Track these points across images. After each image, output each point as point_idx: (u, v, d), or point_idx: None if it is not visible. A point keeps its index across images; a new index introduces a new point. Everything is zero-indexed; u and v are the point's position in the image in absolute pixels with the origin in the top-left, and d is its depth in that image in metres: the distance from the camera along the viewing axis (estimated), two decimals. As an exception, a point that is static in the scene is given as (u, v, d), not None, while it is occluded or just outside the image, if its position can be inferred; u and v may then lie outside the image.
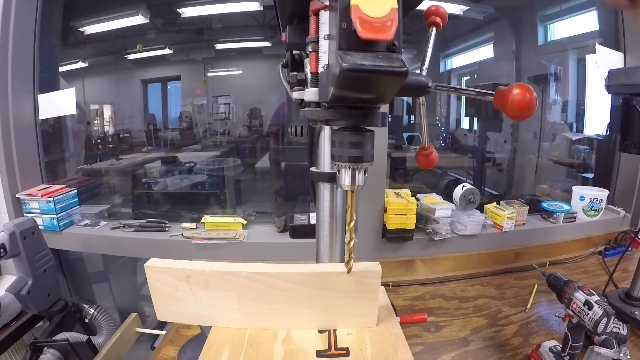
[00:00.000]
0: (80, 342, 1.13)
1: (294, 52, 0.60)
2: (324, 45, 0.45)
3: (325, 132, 0.67)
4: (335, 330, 0.66)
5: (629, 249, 1.36)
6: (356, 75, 0.35)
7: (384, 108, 0.49)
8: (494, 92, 0.46)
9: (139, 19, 1.98)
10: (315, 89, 0.49)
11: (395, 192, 1.43)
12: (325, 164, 0.68)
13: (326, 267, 0.69)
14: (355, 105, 0.45)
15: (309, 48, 0.48)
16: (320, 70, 0.46)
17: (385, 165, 1.38)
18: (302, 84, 0.54)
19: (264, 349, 0.62)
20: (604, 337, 0.90)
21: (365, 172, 0.49)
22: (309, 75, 0.51)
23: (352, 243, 0.56)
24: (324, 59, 0.45)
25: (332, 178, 0.66)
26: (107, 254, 1.68)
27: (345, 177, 0.48)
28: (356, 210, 0.55)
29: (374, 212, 1.39)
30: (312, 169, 0.69)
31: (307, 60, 0.53)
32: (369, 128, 0.47)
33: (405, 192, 1.43)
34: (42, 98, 1.53)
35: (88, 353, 1.13)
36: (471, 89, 0.51)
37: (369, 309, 0.66)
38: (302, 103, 0.55)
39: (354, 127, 0.46)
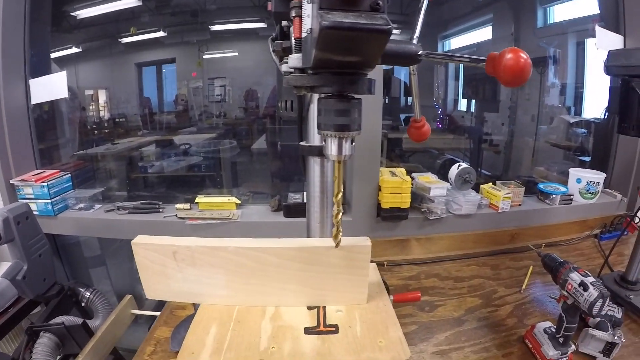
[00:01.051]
0: (76, 325, 1.13)
1: (283, 24, 0.59)
2: (307, 9, 0.43)
3: (315, 105, 0.65)
4: (324, 307, 0.66)
5: (625, 233, 1.36)
6: (337, 33, 0.34)
7: (375, 76, 0.47)
8: (485, 58, 0.45)
9: (132, 2, 1.94)
10: (299, 55, 0.48)
11: (389, 171, 1.42)
12: (315, 138, 0.67)
13: (314, 241, 0.68)
14: (341, 71, 0.44)
15: (293, 13, 0.47)
16: (304, 35, 0.45)
17: (379, 143, 1.36)
18: (288, 52, 0.53)
19: (252, 326, 0.61)
20: (598, 319, 0.90)
21: (352, 142, 0.48)
22: (293, 42, 0.50)
23: (339, 216, 0.54)
24: (307, 24, 0.43)
25: (322, 152, 0.64)
26: (101, 236, 1.67)
27: (332, 147, 0.47)
28: (351, 189, 0.53)
29: (369, 191, 1.38)
30: (302, 143, 0.68)
31: (292, 28, 0.51)
32: (356, 96, 0.46)
33: (400, 170, 1.42)
34: (33, 82, 1.51)
35: (84, 336, 1.13)
36: (463, 55, 0.50)
37: (359, 285, 0.65)
38: (291, 75, 0.54)
39: (339, 94, 0.45)
